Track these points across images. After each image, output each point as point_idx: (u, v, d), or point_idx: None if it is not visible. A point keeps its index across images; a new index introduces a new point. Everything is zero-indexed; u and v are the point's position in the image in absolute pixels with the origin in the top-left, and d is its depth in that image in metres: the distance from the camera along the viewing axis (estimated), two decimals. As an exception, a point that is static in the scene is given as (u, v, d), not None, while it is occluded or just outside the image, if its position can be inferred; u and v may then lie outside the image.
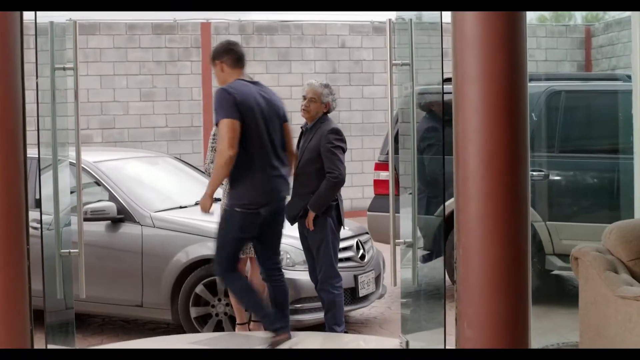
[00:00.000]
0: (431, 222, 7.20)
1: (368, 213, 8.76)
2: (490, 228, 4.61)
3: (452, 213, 7.21)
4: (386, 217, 8.68)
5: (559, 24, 18.51)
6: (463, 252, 4.66)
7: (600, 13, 18.90)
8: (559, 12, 19.22)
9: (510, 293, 4.59)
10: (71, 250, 5.34)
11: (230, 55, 5.91)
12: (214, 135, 6.48)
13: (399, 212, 8.65)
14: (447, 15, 4.93)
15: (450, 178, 4.75)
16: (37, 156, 5.28)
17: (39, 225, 5.09)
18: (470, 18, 4.57)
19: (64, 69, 5.23)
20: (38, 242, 4.95)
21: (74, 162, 5.49)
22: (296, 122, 6.48)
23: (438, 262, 7.54)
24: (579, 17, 19.49)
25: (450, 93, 4.77)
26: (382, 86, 15.89)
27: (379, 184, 8.66)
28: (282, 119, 5.97)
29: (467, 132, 4.65)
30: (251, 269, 6.52)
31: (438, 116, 6.33)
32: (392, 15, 5.64)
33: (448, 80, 6.71)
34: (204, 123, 15.11)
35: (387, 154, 8.67)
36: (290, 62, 15.45)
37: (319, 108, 6.37)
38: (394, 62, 5.42)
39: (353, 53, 15.87)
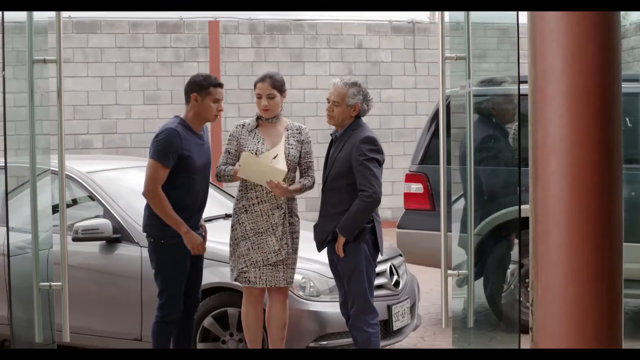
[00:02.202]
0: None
1: (398, 230, 7.81)
2: (578, 263, 3.67)
3: (495, 229, 6.23)
4: (419, 235, 7.87)
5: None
6: (542, 293, 3.71)
7: (622, 14, 17.99)
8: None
9: (603, 347, 3.65)
10: (52, 283, 4.40)
11: None
12: (231, 135, 5.69)
13: (430, 230, 7.66)
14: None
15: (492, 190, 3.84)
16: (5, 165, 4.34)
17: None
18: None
19: (44, 61, 4.31)
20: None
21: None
22: (315, 127, 5.57)
23: (482, 288, 6.61)
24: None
25: (484, 95, 3.86)
26: (400, 90, 15.10)
27: (410, 197, 7.72)
28: None
29: (549, 141, 3.70)
30: (269, 301, 5.58)
31: (497, 122, 5.39)
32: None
33: (487, 82, 5.77)
34: (211, 128, 14.26)
35: (420, 163, 7.78)
36: (303, 64, 14.78)
37: (346, 112, 5.41)
38: (447, 55, 4.48)
39: (370, 54, 15.15)
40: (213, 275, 5.84)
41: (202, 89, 5.49)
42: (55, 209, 5.15)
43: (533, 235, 3.75)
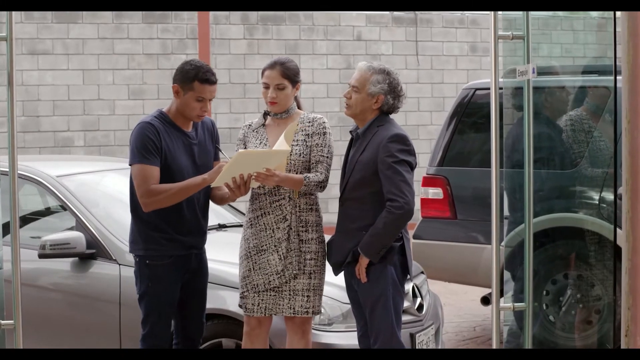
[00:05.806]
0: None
1: (413, 241, 6.94)
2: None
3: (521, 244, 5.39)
4: (438, 247, 7.03)
5: None
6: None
7: None
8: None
9: None
10: (2, 322, 3.53)
11: None
12: (238, 139, 4.85)
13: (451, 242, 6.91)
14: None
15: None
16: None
17: None
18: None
19: (-10, 38, 3.44)
20: None
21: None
22: (335, 124, 4.68)
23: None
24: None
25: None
26: (402, 84, 14.31)
27: (428, 204, 6.88)
28: None
29: (652, 143, 2.81)
30: (287, 333, 4.68)
31: (547, 116, 4.54)
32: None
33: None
34: (201, 125, 13.58)
35: (439, 165, 6.93)
36: (299, 56, 14.05)
37: (365, 102, 4.54)
38: (500, 34, 3.60)
39: (370, 46, 14.56)
40: (205, 299, 4.99)
41: (186, 81, 4.56)
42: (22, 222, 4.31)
43: (630, 267, 2.88)
